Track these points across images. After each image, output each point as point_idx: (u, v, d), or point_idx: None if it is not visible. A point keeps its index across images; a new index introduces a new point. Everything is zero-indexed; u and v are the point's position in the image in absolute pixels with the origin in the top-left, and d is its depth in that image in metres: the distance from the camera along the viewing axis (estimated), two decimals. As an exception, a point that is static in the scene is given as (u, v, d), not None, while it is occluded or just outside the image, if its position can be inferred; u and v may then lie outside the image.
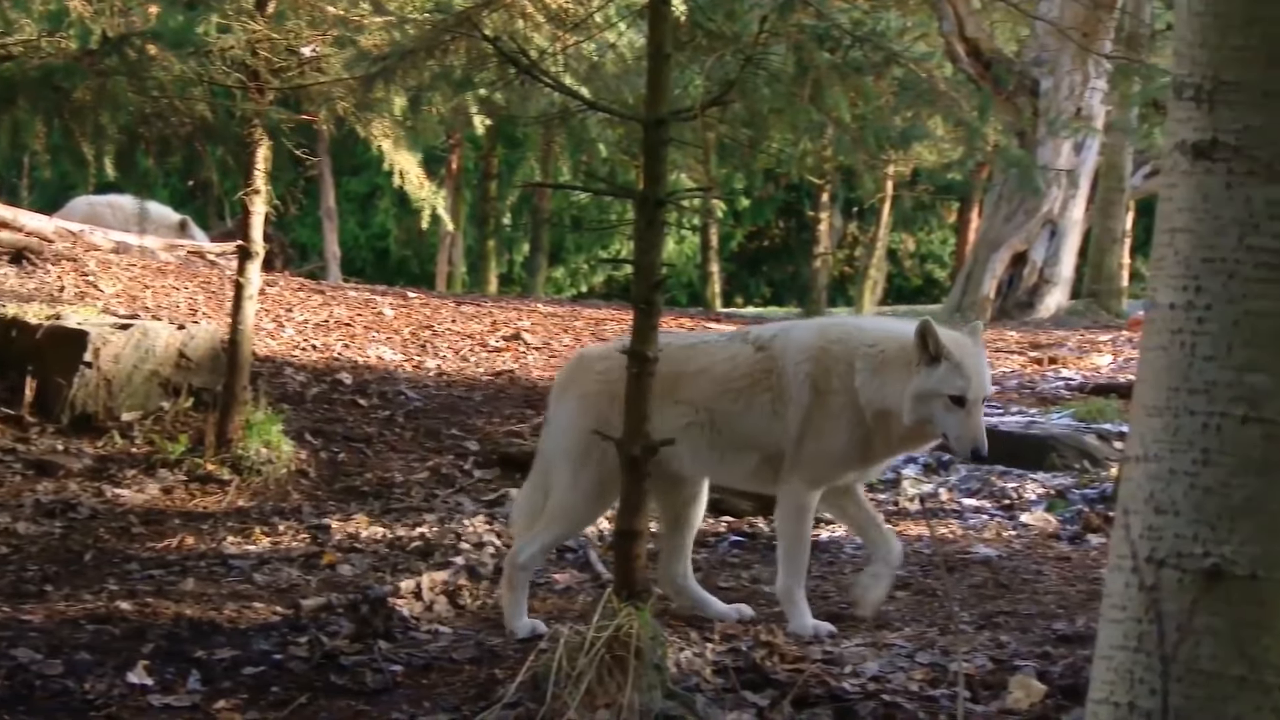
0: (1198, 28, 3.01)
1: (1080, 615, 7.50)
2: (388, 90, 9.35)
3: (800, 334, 7.20)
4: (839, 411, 6.99)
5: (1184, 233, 3.01)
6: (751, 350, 7.19)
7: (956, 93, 14.35)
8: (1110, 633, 3.03)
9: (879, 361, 6.96)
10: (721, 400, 7.15)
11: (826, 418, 7.01)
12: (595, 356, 7.47)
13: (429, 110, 10.90)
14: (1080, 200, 25.07)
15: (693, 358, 7.24)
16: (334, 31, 10.40)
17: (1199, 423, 2.98)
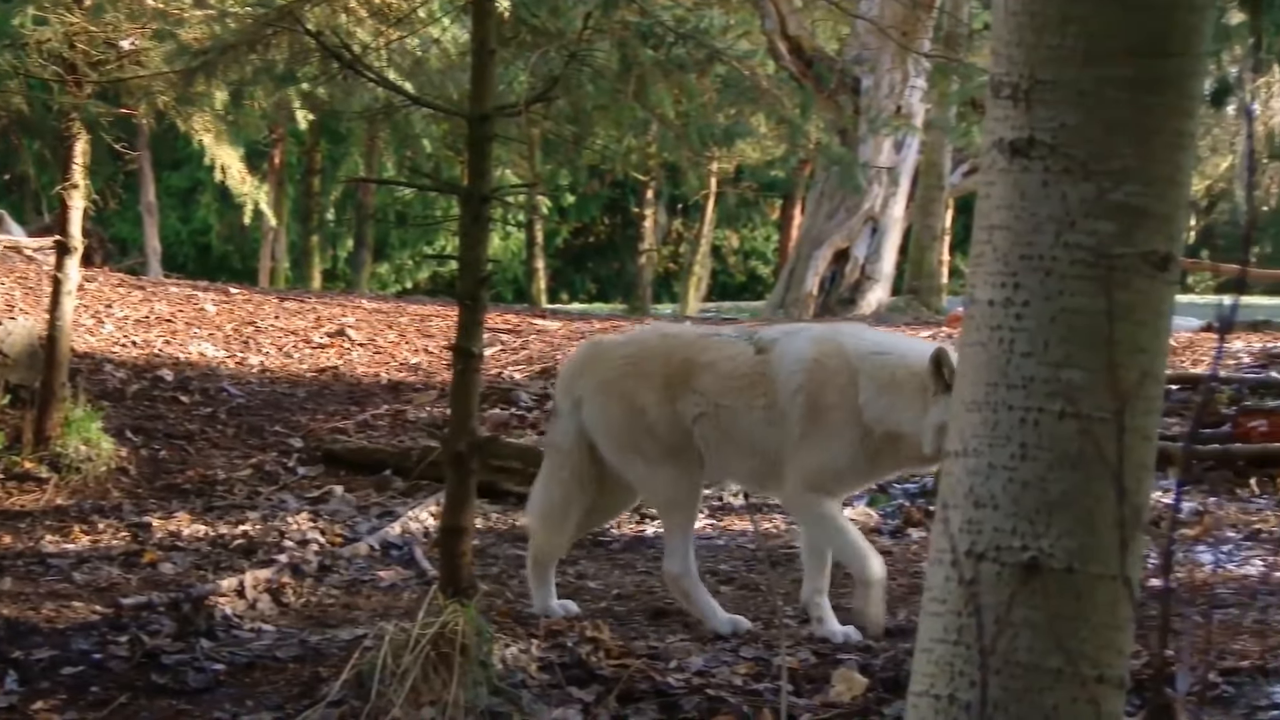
0: (1014, 27, 3.05)
1: (901, 609, 7.57)
2: (209, 85, 9.23)
3: (797, 344, 7.05)
4: (840, 426, 6.85)
5: (1002, 230, 3.04)
6: (752, 352, 7.11)
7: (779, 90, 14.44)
8: (930, 626, 3.06)
9: (887, 382, 6.79)
10: (724, 397, 7.09)
11: (826, 432, 6.88)
12: (614, 344, 7.45)
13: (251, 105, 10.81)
14: (901, 198, 25.33)
15: (706, 349, 7.19)
16: (153, 25, 10.25)
17: (1017, 418, 3.01)
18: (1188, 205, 3.13)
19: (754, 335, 7.25)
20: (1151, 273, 3.00)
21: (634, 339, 7.46)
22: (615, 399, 7.20)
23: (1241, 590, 8.12)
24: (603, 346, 7.47)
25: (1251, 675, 6.51)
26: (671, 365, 7.14)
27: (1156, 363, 3.06)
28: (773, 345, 7.06)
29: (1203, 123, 38.70)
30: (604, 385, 7.25)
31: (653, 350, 7.25)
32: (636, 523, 9.86)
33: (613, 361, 7.30)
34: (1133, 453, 3.02)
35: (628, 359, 7.26)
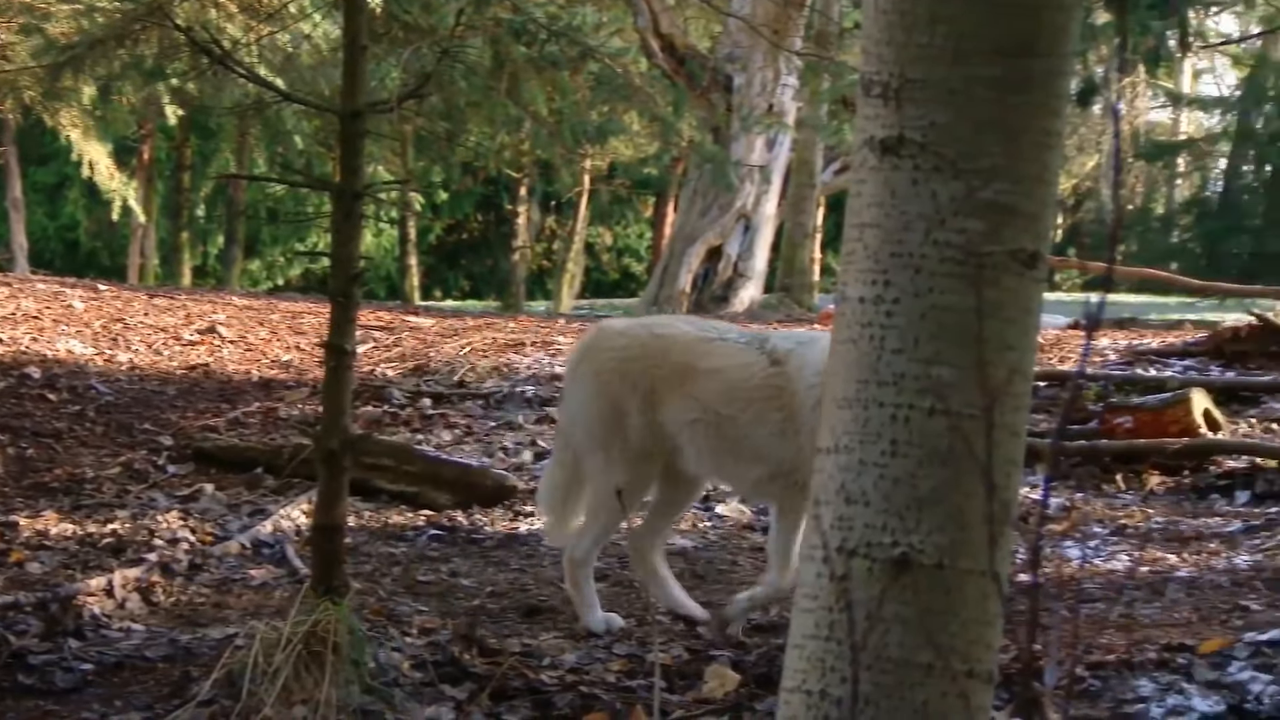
0: (884, 26, 3.06)
1: (774, 605, 7.60)
2: (76, 79, 9.14)
3: (816, 353, 6.75)
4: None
5: (873, 228, 3.06)
6: (766, 362, 6.85)
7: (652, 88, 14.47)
8: (802, 622, 3.07)
9: None
10: (730, 406, 6.87)
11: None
12: (614, 332, 7.26)
13: (119, 100, 10.70)
14: (773, 195, 25.44)
15: (708, 354, 6.96)
16: (20, 19, 10.13)
17: (888, 414, 3.03)
18: (1055, 203, 3.16)
19: (765, 342, 7.01)
20: (1020, 270, 3.03)
21: (631, 333, 7.22)
22: (599, 392, 7.07)
23: (1108, 585, 8.21)
24: (603, 335, 7.30)
25: (1118, 669, 6.58)
26: (664, 368, 6.97)
27: (1025, 360, 3.08)
28: (789, 356, 6.81)
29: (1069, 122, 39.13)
30: (593, 375, 7.12)
31: (647, 349, 7.06)
32: (510, 520, 9.84)
33: (607, 353, 7.14)
34: (1001, 449, 3.04)
35: (620, 353, 7.09)
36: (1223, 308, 21.71)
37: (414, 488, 10.11)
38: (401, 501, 10.05)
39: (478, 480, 10.25)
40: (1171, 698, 6.23)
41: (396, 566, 8.61)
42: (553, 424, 12.86)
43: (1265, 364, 15.23)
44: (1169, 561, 8.70)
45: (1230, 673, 6.40)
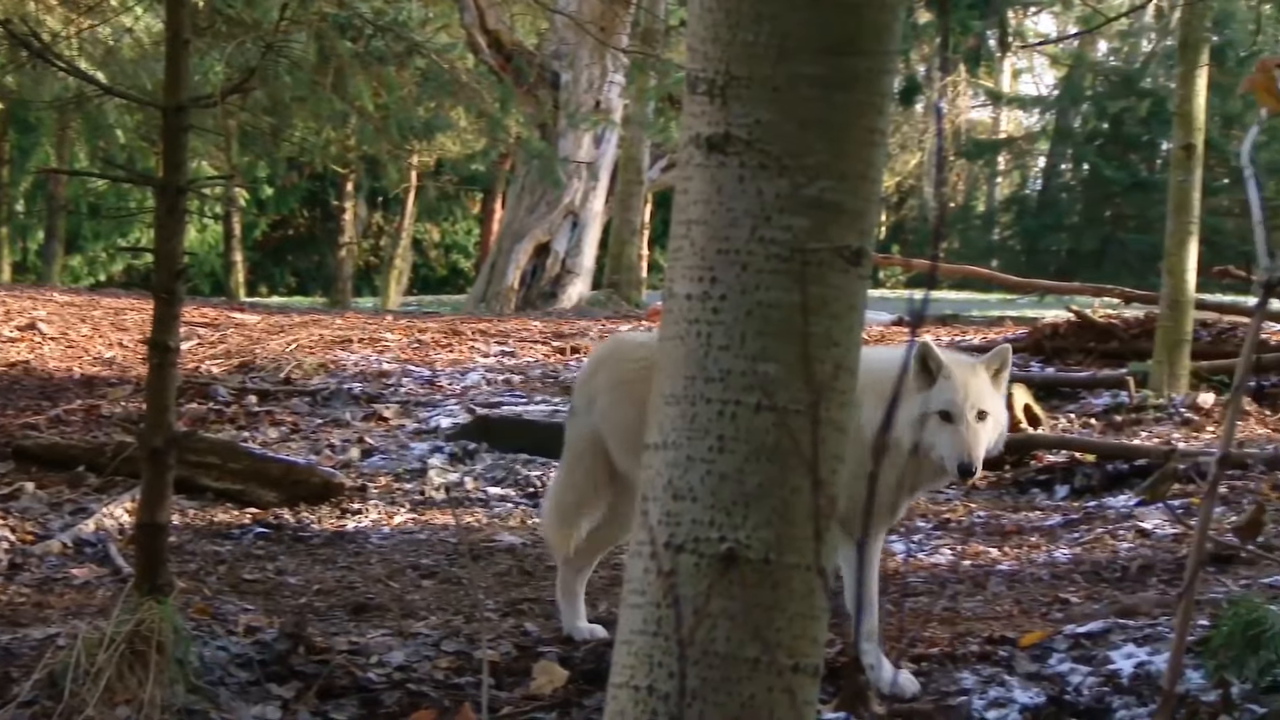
0: (709, 23, 3.07)
1: (603, 601, 7.62)
2: (-112, 72, 8.93)
3: None
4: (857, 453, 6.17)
5: (699, 225, 3.06)
6: None
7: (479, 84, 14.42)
8: (630, 617, 3.07)
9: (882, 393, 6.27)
10: None
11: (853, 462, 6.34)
12: (635, 343, 7.01)
13: (-68, 93, 10.48)
14: (600, 192, 25.49)
15: None
16: None
17: (715, 410, 3.04)
18: (879, 201, 3.19)
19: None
20: (845, 267, 3.05)
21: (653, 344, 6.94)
22: (627, 400, 6.77)
23: (932, 579, 8.32)
24: (622, 345, 7.07)
25: (941, 662, 6.66)
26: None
27: (850, 356, 3.11)
28: None
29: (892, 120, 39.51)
30: (617, 384, 6.86)
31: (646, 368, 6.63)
32: (337, 518, 9.78)
33: (630, 362, 6.87)
34: (827, 444, 3.06)
35: (645, 361, 6.73)
36: (1042, 304, 22.05)
37: (240, 485, 10.02)
38: (227, 499, 9.96)
39: (304, 477, 10.18)
40: (993, 690, 6.32)
41: (222, 565, 8.53)
42: (381, 420, 12.80)
43: (1083, 360, 15.49)
44: (991, 555, 8.83)
45: (1050, 665, 6.51)
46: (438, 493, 10.56)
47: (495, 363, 16.24)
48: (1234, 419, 2.75)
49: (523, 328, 19.02)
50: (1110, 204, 43.39)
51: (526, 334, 18.39)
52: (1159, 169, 40.56)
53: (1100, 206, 43.61)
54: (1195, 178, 13.48)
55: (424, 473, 11.06)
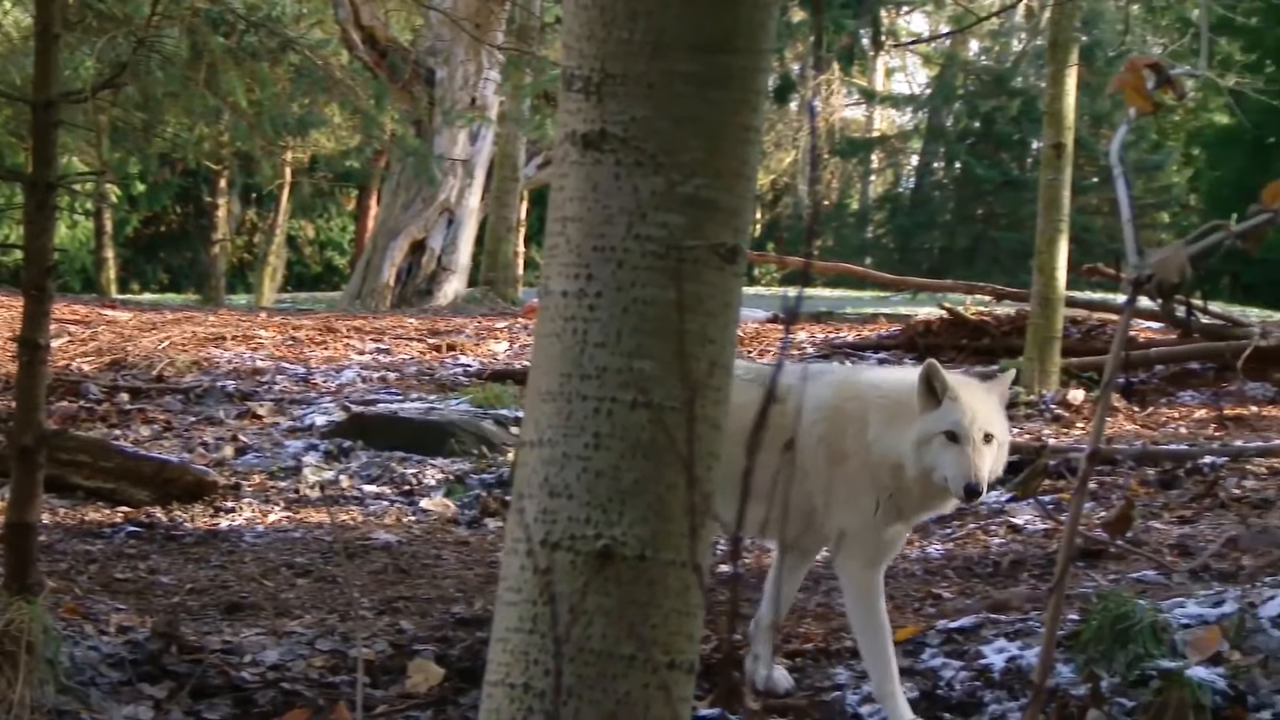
0: (584, 21, 3.07)
1: (478, 599, 7.61)
2: None
3: (817, 390, 6.33)
4: (858, 474, 6.16)
5: (575, 222, 3.06)
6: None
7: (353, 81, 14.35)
8: (506, 615, 3.07)
9: (890, 413, 6.13)
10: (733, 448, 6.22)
11: (849, 484, 6.18)
12: None
13: None
14: (476, 189, 25.45)
15: None
16: None
17: (591, 407, 3.04)
18: (754, 199, 3.20)
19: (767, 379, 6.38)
20: (720, 264, 3.06)
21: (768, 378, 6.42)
22: None
23: (807, 574, 8.36)
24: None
25: (816, 658, 6.71)
26: None
27: (725, 353, 3.12)
28: (789, 392, 6.34)
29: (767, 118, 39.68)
30: None
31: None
32: (210, 517, 9.71)
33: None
34: (703, 441, 3.07)
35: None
36: (915, 302, 22.23)
37: (111, 484, 9.92)
38: (98, 498, 9.86)
39: (177, 476, 10.09)
40: (867, 685, 6.36)
41: (93, 564, 8.44)
42: (255, 418, 12.72)
43: (956, 357, 15.63)
44: (865, 550, 8.88)
45: (923, 660, 6.56)
46: (312, 491, 10.50)
47: (370, 360, 16.18)
48: (1103, 415, 2.78)
49: (398, 325, 18.96)
50: (982, 202, 43.81)
51: (402, 331, 18.34)
52: (1030, 167, 40.98)
53: (972, 205, 44.03)
54: (1065, 176, 13.63)
55: (299, 471, 11.00)
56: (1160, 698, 6.00)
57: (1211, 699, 5.99)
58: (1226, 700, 5.96)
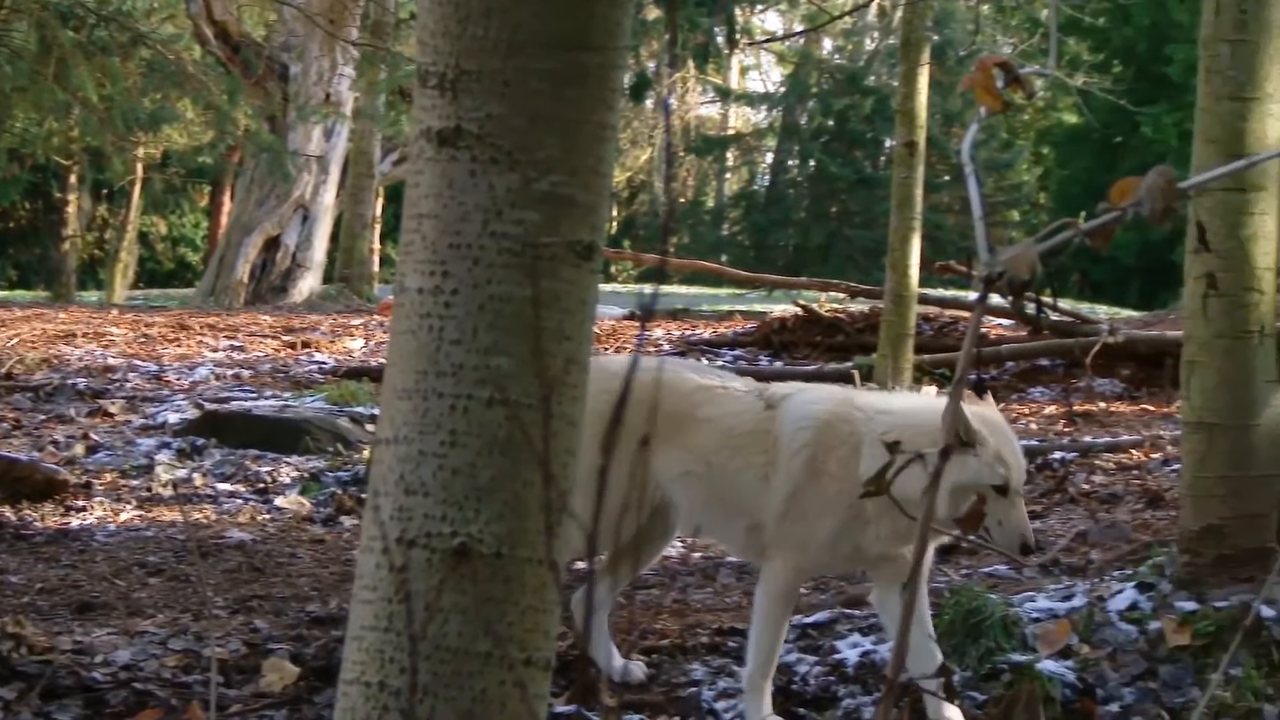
0: (439, 17, 3.07)
1: (334, 597, 7.58)
2: None
3: (809, 399, 6.18)
4: (833, 498, 5.98)
5: (431, 219, 3.06)
6: (761, 407, 6.22)
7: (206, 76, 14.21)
8: (361, 613, 3.06)
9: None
10: (720, 454, 6.21)
11: (817, 501, 6.03)
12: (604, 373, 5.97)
13: None
14: (331, 186, 25.31)
15: (706, 402, 6.28)
16: None
17: (447, 405, 3.03)
18: (610, 196, 3.21)
19: (765, 390, 6.37)
20: (576, 261, 3.06)
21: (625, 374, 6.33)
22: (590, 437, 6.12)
23: (662, 571, 8.39)
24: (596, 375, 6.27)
25: (671, 653, 6.73)
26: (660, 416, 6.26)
27: (581, 350, 3.13)
28: (783, 401, 6.21)
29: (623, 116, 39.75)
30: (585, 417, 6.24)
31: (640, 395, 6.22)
32: (61, 515, 9.59)
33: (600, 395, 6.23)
34: (559, 438, 3.08)
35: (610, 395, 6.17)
36: (770, 299, 22.37)
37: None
38: (-55, 498, 9.71)
39: (26, 474, 9.95)
40: (723, 681, 6.40)
41: (-62, 567, 8.31)
42: (106, 416, 12.58)
43: (811, 353, 15.75)
44: (720, 547, 8.92)
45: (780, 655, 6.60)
46: (165, 489, 10.41)
47: (224, 358, 16.06)
48: (955, 411, 2.81)
49: (252, 322, 18.83)
50: (836, 200, 44.13)
51: (256, 328, 18.21)
52: (883, 165, 41.33)
53: (826, 202, 44.34)
54: (917, 174, 13.76)
55: (151, 469, 10.90)
56: (1011, 691, 6.08)
57: (1061, 692, 6.08)
58: (1076, 693, 6.05)
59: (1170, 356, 12.56)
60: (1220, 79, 6.69)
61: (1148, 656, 6.24)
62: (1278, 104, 6.73)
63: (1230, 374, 6.66)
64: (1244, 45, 6.66)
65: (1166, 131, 34.52)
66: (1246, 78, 6.65)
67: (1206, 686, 5.92)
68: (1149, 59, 37.11)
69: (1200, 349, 6.71)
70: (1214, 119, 6.72)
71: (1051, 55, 5.16)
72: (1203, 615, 6.31)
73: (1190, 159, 6.94)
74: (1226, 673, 5.98)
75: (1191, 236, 6.92)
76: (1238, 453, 5.88)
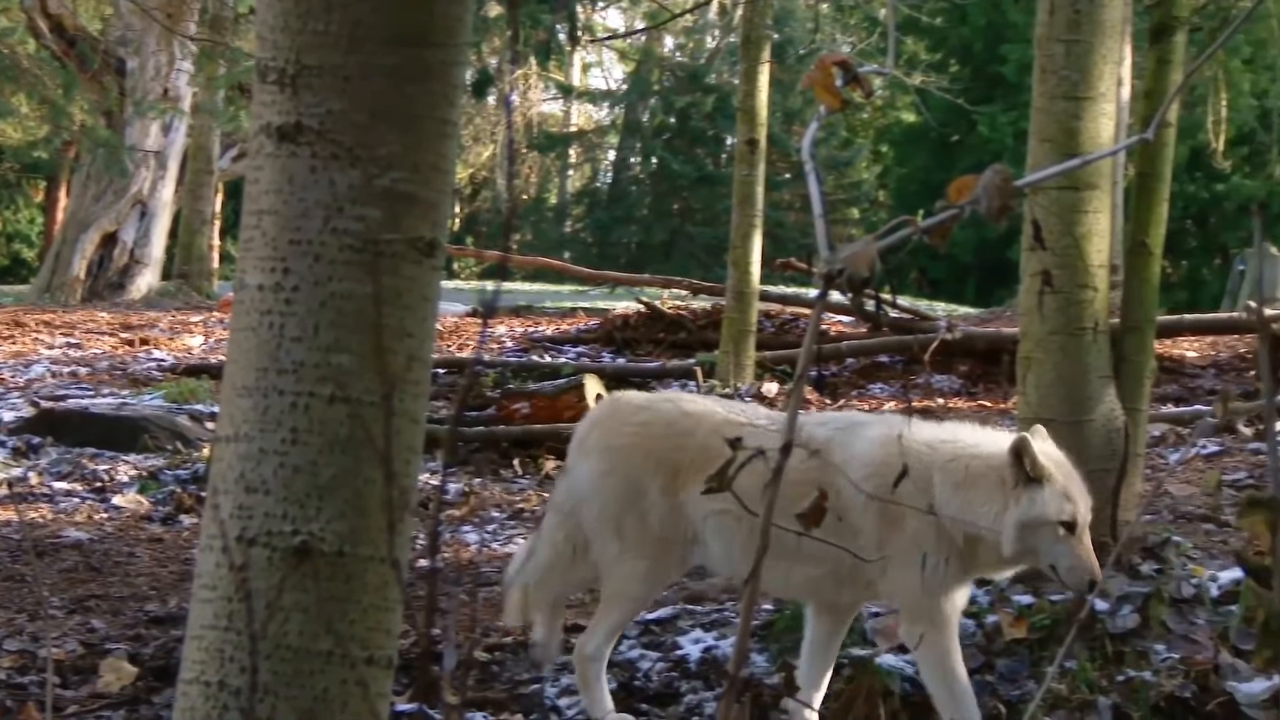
0: (279, 12, 3.05)
1: (173, 596, 7.51)
2: None
3: (861, 445, 5.93)
4: (919, 533, 5.80)
5: (271, 215, 3.04)
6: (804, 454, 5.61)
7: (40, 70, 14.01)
8: (201, 612, 3.04)
9: (962, 477, 5.81)
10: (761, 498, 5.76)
11: (908, 544, 5.83)
12: (634, 405, 6.32)
13: None
14: (169, 181, 25.06)
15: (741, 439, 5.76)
16: None
17: (288, 402, 3.02)
18: (452, 192, 3.20)
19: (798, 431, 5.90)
20: (418, 258, 3.06)
21: (654, 407, 6.31)
22: (615, 469, 6.13)
23: (505, 568, 8.38)
24: (619, 407, 6.36)
25: (514, 650, 6.73)
26: (689, 449, 6.03)
27: (423, 347, 3.12)
28: (829, 446, 5.92)
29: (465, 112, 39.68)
30: (608, 451, 6.18)
31: (672, 426, 6.13)
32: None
33: (624, 427, 6.21)
34: (401, 436, 3.07)
35: (641, 428, 6.17)
36: (613, 296, 22.40)
37: None
38: None
39: None
40: (565, 677, 6.41)
41: None
42: (-63, 417, 12.39)
43: (654, 350, 15.81)
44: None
45: (621, 651, 6.62)
46: (0, 488, 10.26)
47: (60, 355, 15.85)
48: (796, 407, 2.83)
49: (89, 319, 18.60)
50: (678, 197, 44.28)
51: (93, 325, 17.99)
52: (724, 163, 41.50)
53: (668, 200, 44.48)
54: (759, 172, 13.86)
55: (-12, 469, 10.75)
56: (851, 685, 6.14)
57: (900, 685, 6.15)
58: (915, 686, 6.12)
59: (1007, 353, 12.76)
60: (1055, 79, 6.80)
61: (985, 650, 6.33)
62: (1111, 103, 6.85)
63: (1065, 370, 6.77)
64: (1078, 45, 6.77)
65: (1002, 130, 35.00)
66: (1080, 77, 6.76)
67: (1042, 679, 6.00)
68: (985, 59, 37.61)
69: (1036, 345, 6.82)
70: (1049, 118, 6.83)
71: (890, 54, 5.20)
72: (1038, 609, 6.41)
73: (1026, 158, 7.05)
74: (1062, 665, 6.08)
75: (1027, 234, 7.03)
76: (1072, 448, 5.96)
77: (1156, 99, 7.06)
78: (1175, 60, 7.14)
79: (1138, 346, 7.08)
